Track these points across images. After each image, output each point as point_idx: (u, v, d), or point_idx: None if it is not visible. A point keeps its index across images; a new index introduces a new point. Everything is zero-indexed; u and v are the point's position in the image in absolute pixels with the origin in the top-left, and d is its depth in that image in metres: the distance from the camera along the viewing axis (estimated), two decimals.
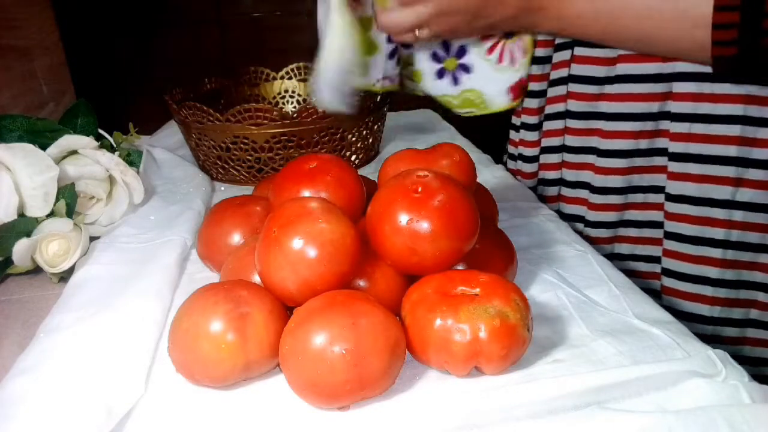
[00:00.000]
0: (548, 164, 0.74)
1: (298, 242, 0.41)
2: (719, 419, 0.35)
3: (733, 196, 0.60)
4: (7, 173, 0.58)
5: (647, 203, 0.66)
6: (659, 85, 0.61)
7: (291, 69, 0.97)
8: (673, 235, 0.64)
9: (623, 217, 0.68)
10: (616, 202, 0.67)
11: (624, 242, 0.69)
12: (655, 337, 0.44)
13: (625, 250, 0.69)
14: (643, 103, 0.62)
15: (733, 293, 0.63)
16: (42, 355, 0.43)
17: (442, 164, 0.50)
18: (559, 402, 0.38)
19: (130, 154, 0.74)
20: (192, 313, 0.41)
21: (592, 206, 0.69)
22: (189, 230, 0.61)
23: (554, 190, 0.75)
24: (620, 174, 0.66)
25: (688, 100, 0.60)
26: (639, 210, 0.67)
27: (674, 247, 0.64)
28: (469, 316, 0.39)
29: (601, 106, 0.65)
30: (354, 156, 0.81)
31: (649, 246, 0.68)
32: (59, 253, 0.56)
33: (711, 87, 0.58)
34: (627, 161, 0.65)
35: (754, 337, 0.65)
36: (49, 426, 0.36)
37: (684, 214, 0.62)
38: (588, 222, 0.70)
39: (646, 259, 0.69)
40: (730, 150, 0.59)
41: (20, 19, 0.99)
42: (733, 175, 0.59)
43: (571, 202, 0.73)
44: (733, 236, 0.61)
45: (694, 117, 0.60)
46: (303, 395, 0.39)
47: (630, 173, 0.66)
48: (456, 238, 0.43)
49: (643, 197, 0.66)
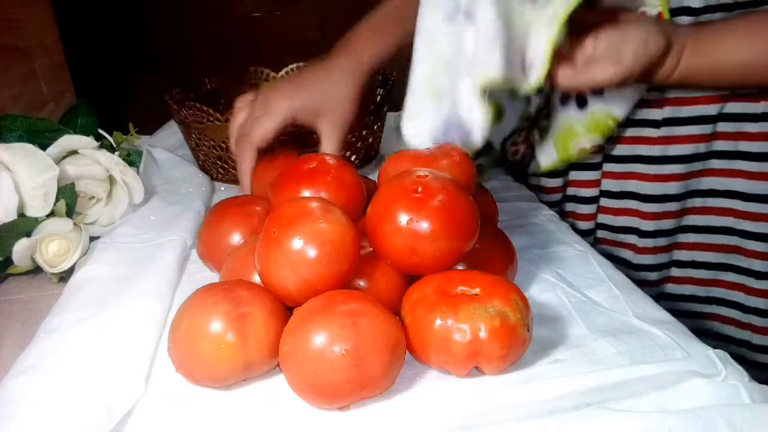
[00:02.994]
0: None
1: (298, 242, 0.41)
2: (719, 419, 0.35)
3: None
4: (7, 173, 0.58)
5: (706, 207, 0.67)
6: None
7: (291, 69, 0.97)
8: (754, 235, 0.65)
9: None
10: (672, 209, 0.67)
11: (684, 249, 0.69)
12: (655, 337, 0.44)
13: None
14: (702, 106, 0.62)
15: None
16: (42, 355, 0.43)
17: (442, 164, 0.50)
18: (559, 402, 0.38)
19: (130, 154, 0.74)
20: (192, 313, 0.41)
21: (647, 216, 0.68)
22: (189, 230, 0.61)
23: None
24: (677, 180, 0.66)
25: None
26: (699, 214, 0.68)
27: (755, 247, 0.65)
28: (469, 316, 0.39)
29: (653, 113, 0.64)
30: (354, 156, 0.81)
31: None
32: (59, 253, 0.56)
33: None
34: (685, 166, 0.65)
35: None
36: (49, 426, 0.36)
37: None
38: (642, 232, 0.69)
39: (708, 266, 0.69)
40: None
41: (20, 19, 0.99)
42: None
43: (619, 214, 0.71)
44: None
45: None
46: (303, 395, 0.39)
47: (687, 179, 0.66)
48: (456, 238, 0.43)
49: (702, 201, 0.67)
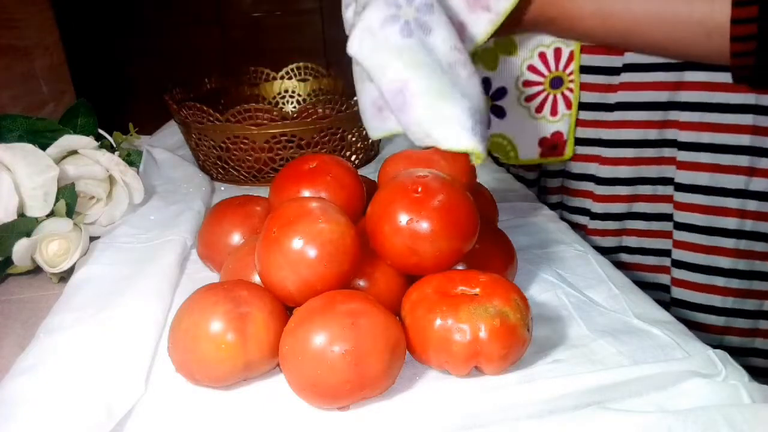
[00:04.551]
0: None
1: (298, 242, 0.41)
2: (719, 419, 0.35)
3: (747, 186, 0.60)
4: (7, 173, 0.58)
5: (656, 195, 0.66)
6: (670, 74, 0.60)
7: (291, 69, 0.97)
8: (684, 226, 0.63)
9: (631, 209, 0.67)
10: (623, 194, 0.66)
11: (632, 235, 0.68)
12: (655, 337, 0.44)
13: (633, 243, 0.69)
14: (653, 92, 0.62)
15: (746, 284, 0.63)
16: (42, 355, 0.43)
17: (442, 164, 0.50)
18: (559, 402, 0.38)
19: (130, 154, 0.74)
20: (192, 313, 0.41)
21: (598, 198, 0.68)
22: (189, 230, 0.61)
23: (557, 182, 0.74)
24: (628, 164, 0.65)
25: (700, 89, 0.59)
26: (648, 202, 0.66)
27: (685, 238, 0.63)
28: (469, 316, 0.39)
29: (609, 97, 0.64)
30: (354, 156, 0.81)
31: (659, 239, 0.67)
32: (59, 253, 0.56)
33: (724, 76, 0.57)
34: (635, 151, 0.64)
35: (767, 329, 0.64)
36: (49, 426, 0.36)
37: (695, 204, 0.62)
38: (594, 215, 0.69)
39: (655, 252, 0.68)
40: (743, 139, 0.58)
41: (20, 19, 0.99)
42: (747, 165, 0.59)
43: (575, 195, 0.72)
44: (746, 226, 0.61)
45: (706, 106, 0.59)
46: (303, 395, 0.39)
47: (638, 164, 0.65)
48: (456, 238, 0.43)
49: (652, 189, 0.66)
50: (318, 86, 0.97)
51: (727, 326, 0.64)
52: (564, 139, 0.67)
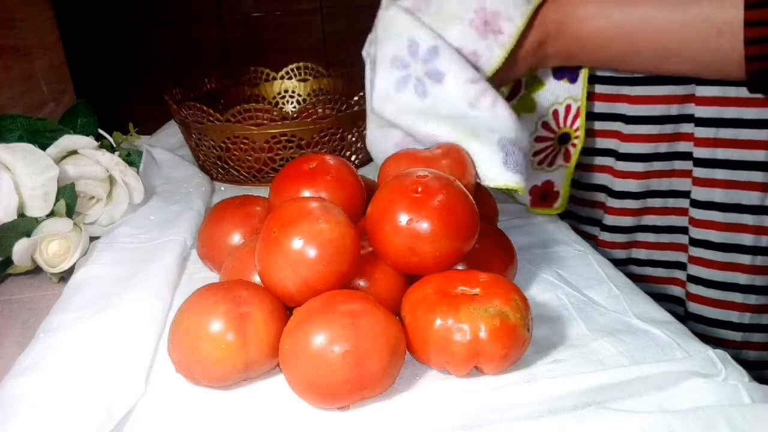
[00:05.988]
0: None
1: (298, 242, 0.41)
2: (719, 419, 0.35)
3: (763, 201, 0.59)
4: (7, 173, 0.58)
5: (666, 208, 0.65)
6: (680, 87, 0.60)
7: (291, 69, 0.97)
8: (700, 242, 0.63)
9: (641, 222, 0.67)
10: (633, 207, 0.66)
11: (641, 247, 0.68)
12: (654, 337, 0.44)
13: (643, 256, 0.68)
14: (663, 106, 0.61)
15: (763, 299, 0.62)
16: (42, 355, 0.43)
17: (442, 164, 0.50)
18: (559, 402, 0.38)
19: (130, 154, 0.74)
20: (192, 313, 0.41)
21: (610, 210, 0.67)
22: (189, 230, 0.61)
23: None
24: (638, 179, 0.65)
25: (712, 104, 0.59)
26: (658, 215, 0.66)
27: (701, 254, 0.63)
28: (469, 316, 0.39)
29: (620, 108, 0.64)
30: (354, 156, 0.81)
31: (669, 251, 0.67)
32: (59, 253, 0.56)
33: (737, 91, 0.57)
34: (645, 165, 0.64)
35: None
36: (49, 426, 0.36)
37: (711, 221, 0.61)
38: (604, 226, 0.69)
39: (664, 264, 0.68)
40: (758, 155, 0.58)
41: (20, 19, 0.99)
42: (762, 180, 0.58)
43: (586, 205, 0.72)
44: (763, 242, 0.60)
45: (720, 122, 0.59)
46: (303, 395, 0.39)
47: (648, 177, 0.64)
48: (456, 238, 0.43)
49: (662, 202, 0.65)
50: (318, 86, 0.97)
51: (744, 341, 0.64)
52: (555, 190, 0.67)
